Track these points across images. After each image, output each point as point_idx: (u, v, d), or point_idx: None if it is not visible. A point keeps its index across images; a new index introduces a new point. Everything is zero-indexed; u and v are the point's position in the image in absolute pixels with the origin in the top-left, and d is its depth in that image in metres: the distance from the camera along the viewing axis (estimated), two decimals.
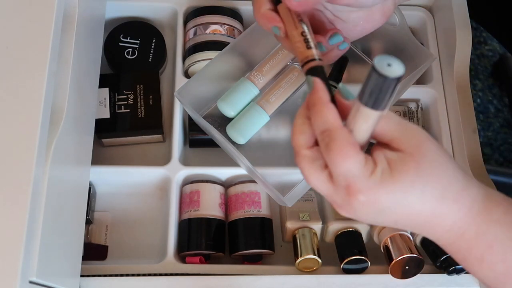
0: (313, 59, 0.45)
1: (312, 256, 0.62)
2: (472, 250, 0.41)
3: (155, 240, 0.66)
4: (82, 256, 0.59)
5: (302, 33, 0.46)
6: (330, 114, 0.40)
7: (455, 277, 0.63)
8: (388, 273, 0.61)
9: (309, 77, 0.43)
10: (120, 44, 0.73)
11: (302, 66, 0.45)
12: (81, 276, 0.59)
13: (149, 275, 0.61)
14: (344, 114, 0.41)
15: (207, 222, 0.64)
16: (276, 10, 0.48)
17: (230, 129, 0.61)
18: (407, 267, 0.61)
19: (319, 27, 0.51)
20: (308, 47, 0.45)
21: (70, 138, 0.54)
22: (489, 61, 1.36)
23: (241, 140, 0.61)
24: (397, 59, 0.37)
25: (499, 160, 1.27)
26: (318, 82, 0.42)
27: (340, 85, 0.42)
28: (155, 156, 0.71)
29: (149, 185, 0.69)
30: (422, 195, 0.39)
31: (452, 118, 0.71)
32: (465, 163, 0.67)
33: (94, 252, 0.64)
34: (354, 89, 0.49)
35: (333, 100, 0.42)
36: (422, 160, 0.39)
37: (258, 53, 0.65)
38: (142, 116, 0.69)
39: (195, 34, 0.72)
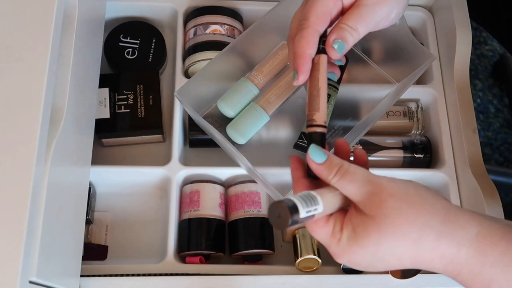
0: (318, 125, 0.47)
1: (312, 256, 0.62)
2: (471, 286, 0.41)
3: (155, 240, 0.66)
4: (82, 256, 0.59)
5: (319, 90, 0.48)
6: (299, 189, 0.45)
7: None
8: (388, 273, 0.61)
9: (292, 156, 0.48)
10: (120, 44, 0.73)
11: (307, 126, 0.48)
12: (81, 276, 0.59)
13: (149, 275, 0.61)
14: (318, 175, 0.45)
15: (207, 222, 0.64)
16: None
17: (230, 129, 0.61)
18: (407, 267, 0.61)
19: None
20: (318, 109, 0.48)
21: (70, 138, 0.54)
22: (489, 61, 1.36)
23: (241, 140, 0.61)
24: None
25: (499, 160, 1.27)
26: (293, 160, 0.47)
27: (311, 146, 0.46)
28: (155, 156, 0.71)
29: (149, 185, 0.69)
30: (392, 252, 0.41)
31: (452, 118, 0.71)
32: (465, 163, 0.67)
33: (94, 252, 0.64)
34: (354, 89, 0.49)
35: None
36: (384, 221, 0.40)
37: (258, 53, 0.65)
38: (142, 116, 0.69)
39: (195, 34, 0.72)
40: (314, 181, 0.47)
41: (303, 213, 0.41)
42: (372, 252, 0.41)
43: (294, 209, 0.41)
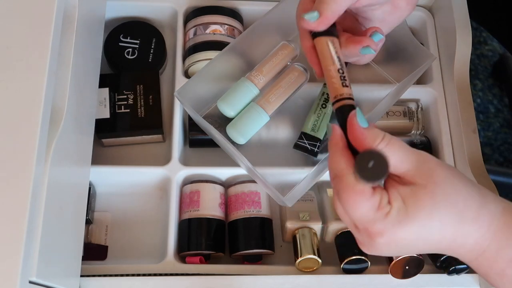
0: (346, 98, 0.46)
1: (312, 256, 0.62)
2: (493, 265, 0.41)
3: (155, 240, 0.66)
4: (82, 256, 0.59)
5: (339, 70, 0.48)
6: (342, 160, 0.42)
7: (455, 277, 0.63)
8: (388, 273, 0.61)
9: (329, 125, 0.45)
10: (120, 44, 0.73)
11: (334, 102, 0.47)
12: (81, 276, 0.59)
13: (149, 275, 0.61)
14: (359, 141, 0.42)
15: (207, 222, 0.64)
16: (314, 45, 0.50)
17: (230, 129, 0.61)
18: (407, 267, 0.61)
19: (352, 29, 0.53)
20: (344, 85, 0.47)
21: (70, 138, 0.54)
22: (489, 61, 1.36)
23: (241, 140, 0.61)
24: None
25: (499, 160, 1.27)
26: (335, 129, 0.44)
27: (357, 109, 0.43)
28: (155, 156, 0.71)
29: (149, 185, 0.69)
30: (441, 225, 0.40)
31: (452, 118, 0.71)
32: (465, 163, 0.67)
33: (94, 252, 0.64)
34: (354, 89, 0.49)
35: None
36: (436, 189, 0.39)
37: (258, 53, 0.65)
38: (142, 116, 0.69)
39: (195, 34, 0.72)
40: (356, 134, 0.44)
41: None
42: (421, 227, 0.40)
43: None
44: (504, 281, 0.41)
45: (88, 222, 0.65)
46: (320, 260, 0.62)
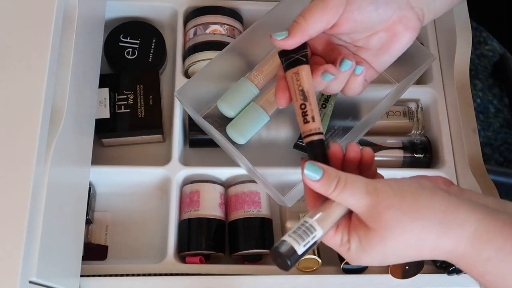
0: (310, 134, 0.47)
1: (312, 256, 0.62)
2: (468, 273, 0.43)
3: (155, 240, 0.66)
4: (82, 256, 0.59)
5: (301, 106, 0.48)
6: (308, 200, 0.47)
7: (455, 277, 0.63)
8: (388, 273, 0.61)
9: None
10: (120, 44, 0.73)
11: (303, 138, 0.48)
12: (81, 276, 0.59)
13: (149, 275, 0.61)
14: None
15: (207, 222, 0.64)
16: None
17: (230, 129, 0.61)
18: (407, 267, 0.61)
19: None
20: (305, 122, 0.47)
21: (70, 138, 0.54)
22: (489, 61, 1.36)
23: (241, 140, 0.61)
24: None
25: (499, 160, 1.27)
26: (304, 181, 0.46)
27: (306, 164, 0.45)
28: (155, 156, 0.71)
29: (149, 185, 0.69)
30: (398, 256, 0.44)
31: (452, 118, 0.71)
32: (465, 163, 0.67)
33: (94, 252, 0.64)
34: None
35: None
36: (385, 233, 0.42)
37: (258, 53, 0.65)
38: (142, 116, 0.69)
39: (195, 34, 0.72)
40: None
41: (301, 249, 0.42)
42: (380, 257, 0.44)
43: (291, 252, 0.42)
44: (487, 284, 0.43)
45: (88, 222, 0.65)
46: (320, 260, 0.62)
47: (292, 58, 0.49)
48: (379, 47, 0.51)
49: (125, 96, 0.69)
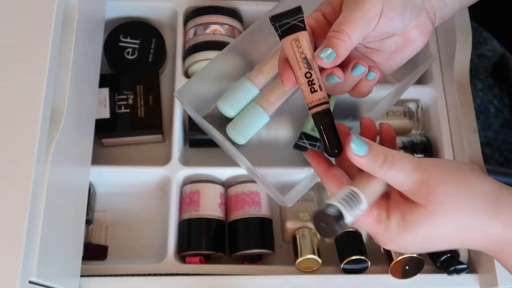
0: (317, 104, 0.45)
1: (312, 256, 0.62)
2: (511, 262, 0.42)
3: (155, 240, 0.66)
4: (82, 256, 0.59)
5: (306, 74, 0.45)
6: (332, 185, 0.45)
7: (455, 277, 0.63)
8: (388, 273, 0.61)
9: (304, 154, 0.46)
10: (120, 44, 0.73)
11: (309, 109, 0.46)
12: (81, 276, 0.59)
13: (149, 275, 0.61)
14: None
15: (207, 222, 0.64)
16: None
17: (230, 129, 0.61)
18: (407, 267, 0.61)
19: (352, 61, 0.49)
20: (313, 91, 0.45)
21: (70, 138, 0.54)
22: (489, 61, 1.36)
23: (241, 140, 0.61)
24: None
25: (499, 160, 1.27)
26: (311, 156, 0.46)
27: (354, 138, 0.42)
28: (155, 156, 0.71)
29: (149, 185, 0.69)
30: (444, 238, 0.42)
31: (452, 118, 0.71)
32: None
33: (94, 252, 0.64)
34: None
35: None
36: (435, 209, 0.40)
37: (258, 53, 0.65)
38: (142, 116, 0.69)
39: (195, 34, 0.72)
40: (343, 167, 0.46)
41: (349, 218, 0.40)
42: (423, 238, 0.41)
43: (339, 217, 0.39)
44: None
45: (88, 222, 0.65)
46: (320, 260, 0.62)
47: (288, 24, 0.45)
48: (392, 51, 0.49)
49: (125, 96, 0.69)
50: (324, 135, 0.46)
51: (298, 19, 0.46)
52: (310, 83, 0.45)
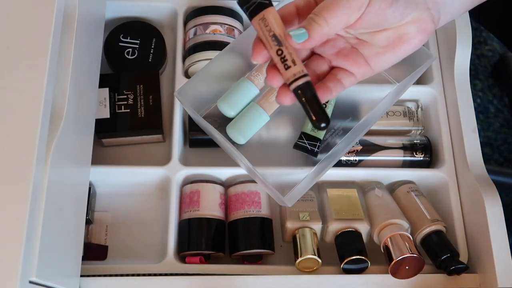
0: (294, 80, 0.43)
1: (312, 256, 0.62)
2: None
3: (155, 240, 0.66)
4: (82, 256, 0.59)
5: (277, 52, 0.43)
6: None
7: (455, 277, 0.63)
8: (388, 273, 0.61)
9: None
10: (120, 44, 0.73)
11: (289, 86, 0.44)
12: (81, 276, 0.59)
13: (149, 275, 0.61)
14: None
15: (207, 222, 0.64)
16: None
17: (230, 129, 0.61)
18: (407, 267, 0.61)
19: (341, 54, 0.48)
20: (287, 67, 0.43)
21: (70, 138, 0.54)
22: (489, 61, 1.36)
23: (241, 140, 0.61)
24: None
25: (499, 160, 1.27)
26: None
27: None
28: (155, 156, 0.71)
29: (149, 185, 0.69)
30: None
31: (452, 118, 0.71)
32: (465, 163, 0.67)
33: (94, 252, 0.64)
34: (354, 89, 0.49)
35: None
36: None
37: None
38: (142, 116, 0.69)
39: (195, 34, 0.72)
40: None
41: None
42: None
43: None
44: None
45: (88, 222, 0.65)
46: (320, 260, 0.62)
47: (254, 4, 0.44)
48: (384, 45, 0.46)
49: (125, 96, 0.69)
50: (308, 108, 0.43)
51: None
52: (282, 59, 0.43)
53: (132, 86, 0.70)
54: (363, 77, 0.48)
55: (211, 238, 0.64)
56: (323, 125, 0.43)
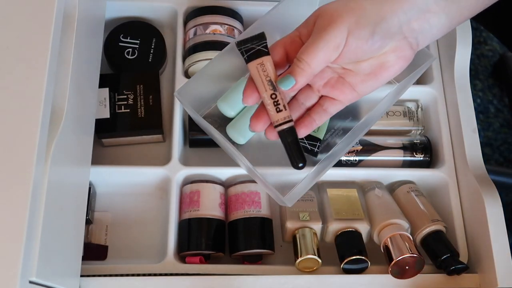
0: (282, 123, 0.49)
1: (312, 256, 0.62)
2: None
3: (155, 240, 0.66)
4: (82, 256, 0.59)
5: (271, 95, 0.48)
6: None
7: (455, 277, 0.63)
8: (388, 273, 0.61)
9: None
10: (120, 44, 0.73)
11: (275, 127, 0.49)
12: (81, 276, 0.59)
13: (149, 275, 0.61)
14: None
15: (207, 222, 0.64)
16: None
17: (230, 129, 0.61)
18: (407, 267, 0.61)
19: (329, 84, 0.51)
20: (278, 110, 0.48)
21: (70, 138, 0.54)
22: (489, 61, 1.36)
23: (241, 140, 0.61)
24: None
25: (499, 160, 1.27)
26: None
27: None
28: (155, 156, 0.71)
29: (149, 185, 0.69)
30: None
31: (452, 118, 0.71)
32: (465, 163, 0.67)
33: (94, 252, 0.64)
34: None
35: None
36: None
37: None
38: (142, 116, 0.69)
39: (195, 34, 0.72)
40: None
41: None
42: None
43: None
44: None
45: (88, 222, 0.65)
46: (320, 260, 0.62)
47: (254, 49, 0.49)
48: (368, 73, 0.50)
49: (125, 96, 0.69)
50: (290, 150, 0.50)
51: (262, 44, 0.50)
52: (275, 103, 0.48)
53: (132, 86, 0.70)
54: (349, 102, 0.52)
55: (211, 238, 0.64)
56: (300, 165, 0.50)
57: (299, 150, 0.49)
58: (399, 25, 0.47)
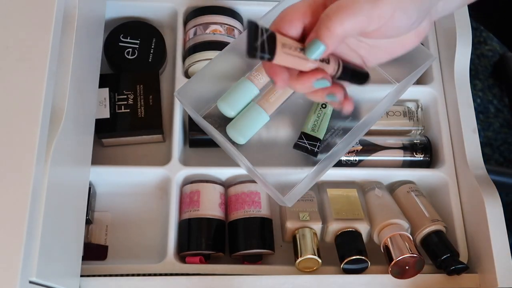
0: (338, 69, 0.46)
1: (312, 256, 0.62)
2: None
3: (155, 240, 0.66)
4: (82, 256, 0.59)
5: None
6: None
7: (455, 277, 0.63)
8: (388, 273, 0.61)
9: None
10: (120, 44, 0.73)
11: (338, 79, 0.47)
12: (81, 276, 0.59)
13: (149, 275, 0.61)
14: None
15: (207, 222, 0.64)
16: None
17: (230, 129, 0.61)
18: (407, 267, 0.61)
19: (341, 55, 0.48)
20: (327, 62, 0.45)
21: (70, 138, 0.54)
22: (489, 61, 1.36)
23: (241, 140, 0.61)
24: None
25: (499, 160, 1.27)
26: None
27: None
28: (155, 156, 0.71)
29: (149, 185, 0.69)
30: None
31: (452, 118, 0.71)
32: (465, 163, 0.67)
33: (94, 252, 0.64)
34: (354, 89, 0.49)
35: None
36: None
37: None
38: (142, 116, 0.69)
39: (195, 34, 0.72)
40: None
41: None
42: None
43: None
44: None
45: (88, 222, 0.65)
46: (320, 260, 0.62)
47: (265, 42, 0.42)
48: (384, 49, 0.47)
49: (125, 96, 0.69)
50: (356, 76, 0.48)
51: (265, 31, 0.43)
52: (321, 61, 0.44)
53: (132, 86, 0.70)
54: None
55: (211, 238, 0.64)
56: (368, 79, 0.48)
57: (358, 71, 0.47)
58: (431, 5, 0.45)
